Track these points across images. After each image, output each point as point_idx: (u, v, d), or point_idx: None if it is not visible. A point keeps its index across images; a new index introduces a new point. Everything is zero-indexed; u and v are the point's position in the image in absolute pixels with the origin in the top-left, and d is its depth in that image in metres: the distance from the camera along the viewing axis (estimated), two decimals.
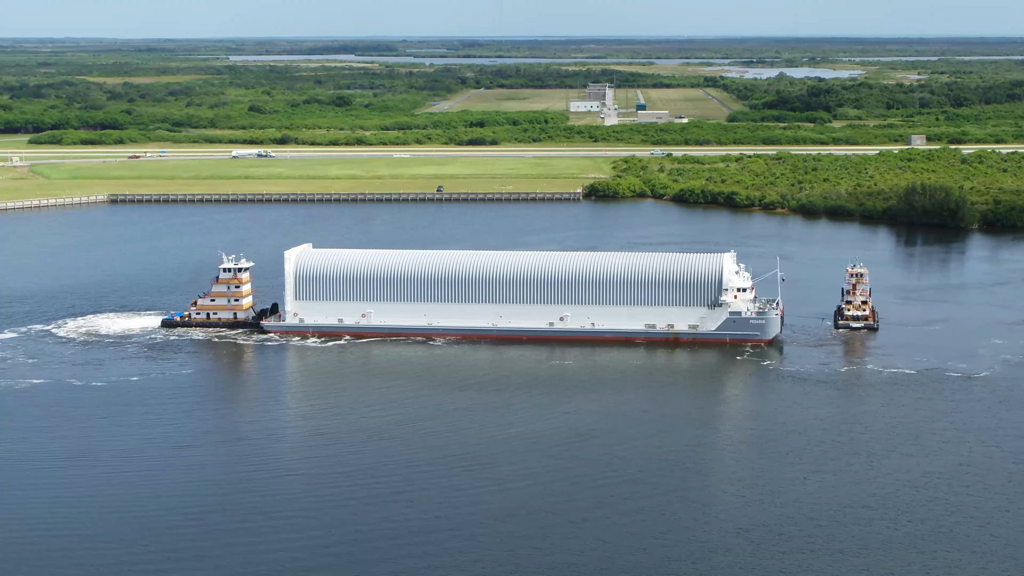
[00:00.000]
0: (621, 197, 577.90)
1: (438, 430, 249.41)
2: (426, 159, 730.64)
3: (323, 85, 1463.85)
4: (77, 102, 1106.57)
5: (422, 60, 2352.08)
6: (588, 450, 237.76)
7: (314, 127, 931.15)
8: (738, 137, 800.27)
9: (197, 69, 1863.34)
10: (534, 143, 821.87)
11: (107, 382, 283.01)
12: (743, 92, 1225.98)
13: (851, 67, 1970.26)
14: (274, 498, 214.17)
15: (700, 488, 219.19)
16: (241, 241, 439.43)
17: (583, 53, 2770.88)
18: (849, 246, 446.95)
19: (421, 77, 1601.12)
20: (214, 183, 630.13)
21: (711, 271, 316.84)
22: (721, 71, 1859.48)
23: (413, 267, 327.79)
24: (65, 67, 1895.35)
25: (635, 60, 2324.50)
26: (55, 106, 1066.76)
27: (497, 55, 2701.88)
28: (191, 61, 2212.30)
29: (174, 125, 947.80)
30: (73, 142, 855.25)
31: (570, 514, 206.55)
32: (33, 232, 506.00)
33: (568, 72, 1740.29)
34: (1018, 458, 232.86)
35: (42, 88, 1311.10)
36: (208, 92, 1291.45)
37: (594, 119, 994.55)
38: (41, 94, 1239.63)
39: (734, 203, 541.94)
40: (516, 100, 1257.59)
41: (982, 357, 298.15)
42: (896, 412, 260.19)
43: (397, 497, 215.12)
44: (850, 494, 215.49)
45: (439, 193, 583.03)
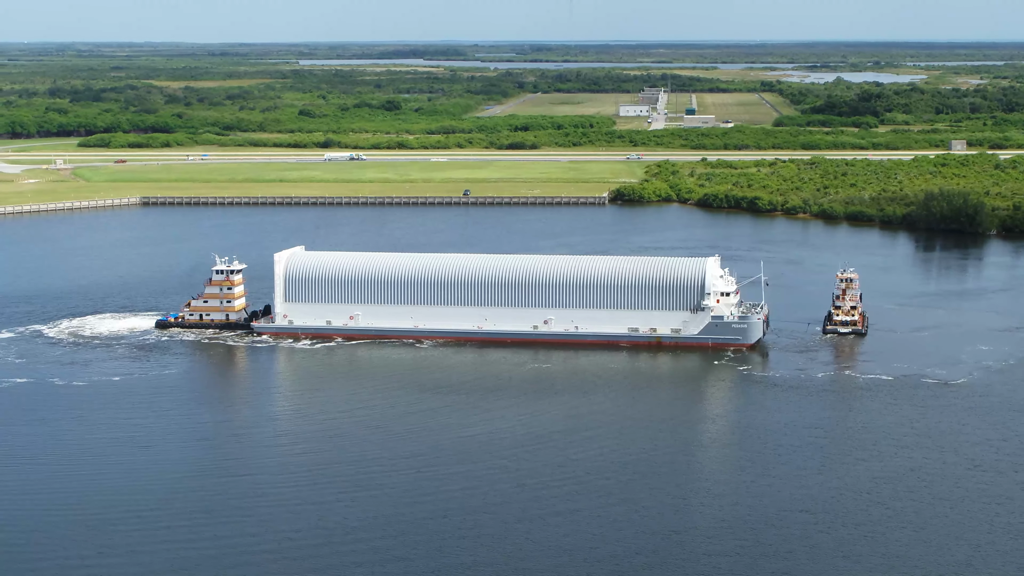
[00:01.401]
0: (647, 201, 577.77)
1: (400, 432, 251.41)
2: (462, 163, 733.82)
3: (382, 89, 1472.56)
4: (133, 106, 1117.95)
5: (487, 64, 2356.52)
6: (542, 452, 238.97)
7: (360, 131, 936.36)
8: (778, 142, 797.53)
9: (263, 73, 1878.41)
10: (574, 147, 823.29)
11: (88, 382, 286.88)
12: (796, 97, 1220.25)
13: (915, 71, 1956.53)
14: (215, 498, 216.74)
15: (642, 490, 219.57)
16: (250, 243, 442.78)
17: (650, 57, 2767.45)
18: (861, 251, 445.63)
19: (480, 81, 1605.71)
20: (247, 186, 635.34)
21: (694, 275, 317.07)
22: (782, 75, 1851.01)
23: (400, 270, 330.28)
24: (136, 71, 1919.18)
25: (699, 64, 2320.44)
26: (109, 109, 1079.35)
27: (563, 59, 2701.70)
28: (260, 65, 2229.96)
29: (224, 129, 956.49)
30: (120, 145, 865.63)
31: (505, 515, 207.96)
32: (59, 233, 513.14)
33: (628, 76, 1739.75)
34: (972, 464, 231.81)
35: (103, 92, 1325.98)
36: (265, 96, 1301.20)
37: (640, 123, 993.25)
38: (101, 98, 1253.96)
39: (756, 208, 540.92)
40: (569, 104, 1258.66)
41: (963, 364, 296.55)
42: (860, 417, 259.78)
43: (341, 497, 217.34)
44: (791, 498, 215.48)
45: (465, 197, 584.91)
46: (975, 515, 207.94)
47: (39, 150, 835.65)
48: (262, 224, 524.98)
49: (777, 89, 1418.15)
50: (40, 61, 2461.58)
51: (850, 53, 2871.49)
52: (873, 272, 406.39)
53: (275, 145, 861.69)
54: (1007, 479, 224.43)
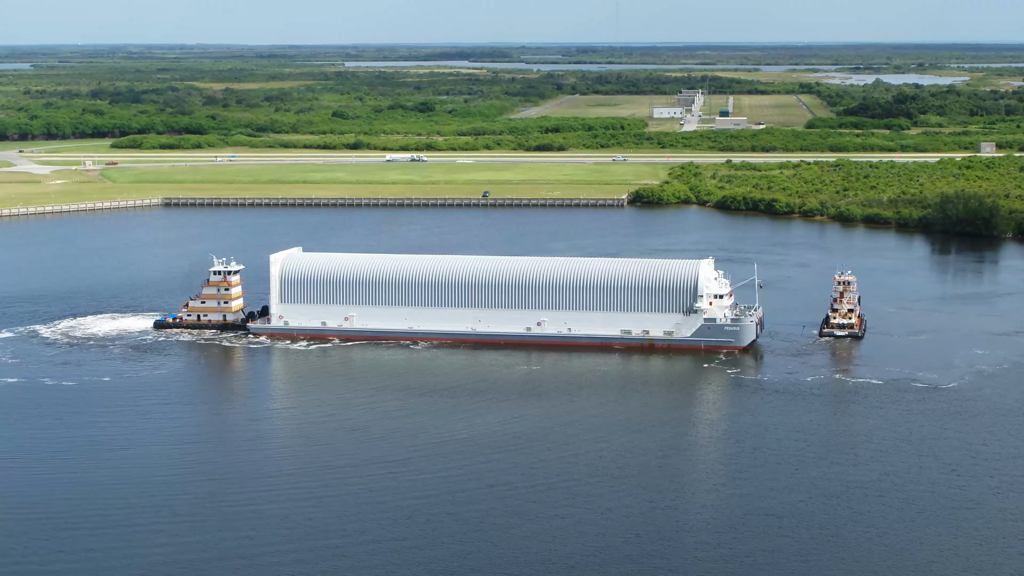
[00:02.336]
0: (666, 204, 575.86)
1: (379, 434, 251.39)
2: (487, 164, 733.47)
3: (421, 91, 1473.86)
4: (171, 107, 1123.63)
5: (530, 66, 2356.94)
6: (517, 455, 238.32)
7: (392, 132, 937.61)
8: (806, 144, 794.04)
9: (307, 75, 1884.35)
10: (602, 149, 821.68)
11: (78, 382, 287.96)
12: (833, 99, 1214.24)
13: (958, 73, 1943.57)
14: (181, 499, 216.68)
15: (610, 494, 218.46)
16: (262, 244, 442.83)
17: (694, 59, 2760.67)
18: (872, 254, 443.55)
19: (519, 83, 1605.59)
20: (270, 187, 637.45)
21: (686, 277, 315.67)
22: (824, 77, 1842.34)
23: (395, 271, 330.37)
24: (182, 72, 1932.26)
25: (742, 66, 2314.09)
26: (145, 111, 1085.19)
27: (608, 61, 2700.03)
28: (306, 67, 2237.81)
29: (257, 130, 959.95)
30: (152, 146, 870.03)
31: (468, 517, 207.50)
32: (76, 234, 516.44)
33: (668, 78, 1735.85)
34: (947, 469, 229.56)
35: (143, 94, 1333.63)
36: (303, 98, 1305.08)
37: (672, 125, 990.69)
38: (141, 99, 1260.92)
39: (774, 210, 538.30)
40: (606, 106, 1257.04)
41: (956, 368, 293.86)
42: (843, 421, 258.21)
43: (307, 497, 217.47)
44: (759, 502, 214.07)
45: (484, 198, 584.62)
46: (942, 520, 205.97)
47: (71, 151, 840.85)
48: (277, 225, 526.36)
49: (815, 91, 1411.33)
50: (90, 63, 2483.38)
51: (895, 55, 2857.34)
52: (882, 275, 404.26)
53: (305, 147, 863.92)
54: (980, 484, 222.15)
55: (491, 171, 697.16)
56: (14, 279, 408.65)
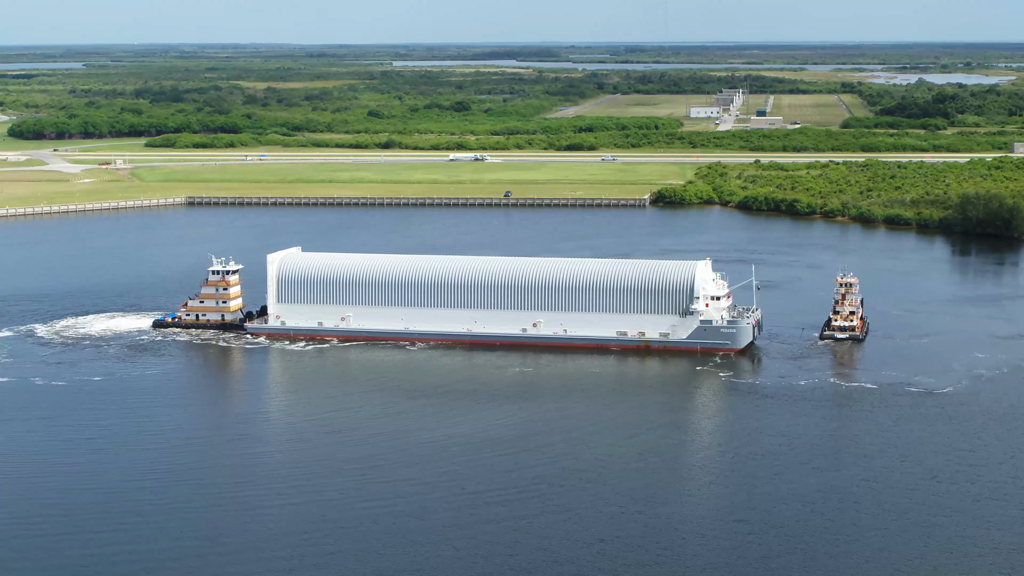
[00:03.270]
0: (688, 204, 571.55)
1: (359, 435, 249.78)
2: (516, 164, 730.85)
3: (463, 90, 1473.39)
4: (209, 106, 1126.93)
5: (576, 66, 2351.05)
6: (495, 458, 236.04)
7: (426, 131, 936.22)
8: (838, 144, 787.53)
9: (353, 74, 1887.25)
10: (632, 149, 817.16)
11: (68, 382, 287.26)
12: (873, 99, 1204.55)
13: (1005, 72, 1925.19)
14: (148, 501, 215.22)
15: (583, 498, 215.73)
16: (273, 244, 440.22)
17: (741, 59, 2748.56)
18: (887, 255, 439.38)
19: (561, 83, 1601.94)
20: (296, 186, 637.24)
21: (683, 279, 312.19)
22: (869, 77, 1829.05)
23: (392, 272, 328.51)
24: (230, 72, 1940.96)
25: (789, 66, 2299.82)
26: (183, 110, 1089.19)
27: (654, 60, 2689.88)
28: (353, 67, 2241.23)
29: (292, 129, 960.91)
30: (185, 145, 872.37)
31: (435, 520, 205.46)
32: (94, 232, 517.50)
33: (711, 78, 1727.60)
34: (929, 475, 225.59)
35: (186, 93, 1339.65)
36: (344, 97, 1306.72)
37: (708, 125, 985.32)
38: (182, 99, 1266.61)
39: (795, 211, 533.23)
40: (645, 106, 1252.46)
41: (953, 372, 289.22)
42: (830, 426, 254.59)
43: (276, 500, 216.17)
44: (731, 507, 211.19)
45: (506, 198, 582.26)
46: (916, 527, 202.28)
47: (105, 150, 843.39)
48: (294, 224, 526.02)
49: (856, 91, 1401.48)
50: (141, 62, 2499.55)
51: (944, 54, 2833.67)
52: (894, 277, 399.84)
53: (337, 146, 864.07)
54: (960, 491, 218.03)
55: (518, 171, 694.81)
56: (22, 278, 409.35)
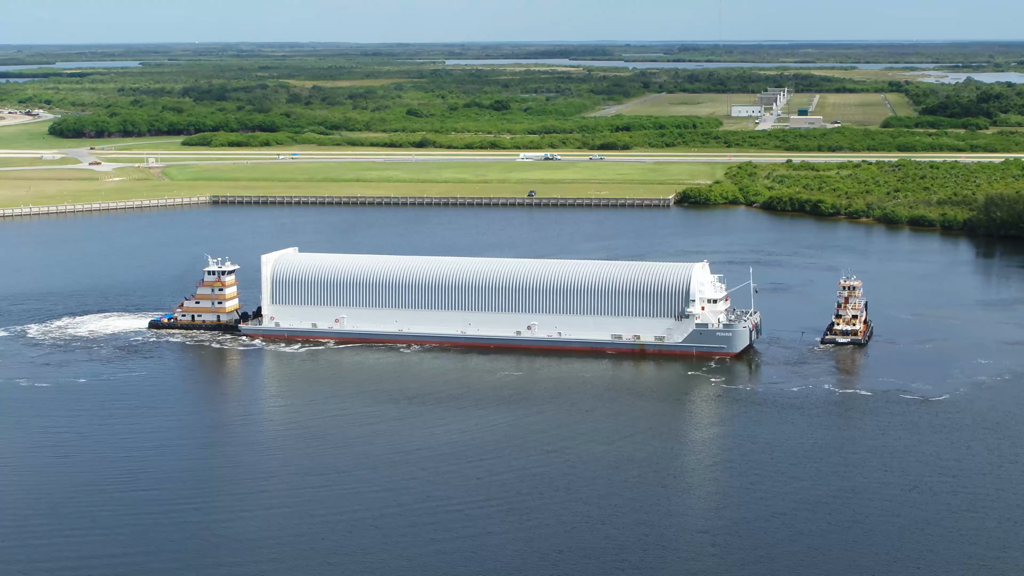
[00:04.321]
0: (713, 204, 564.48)
1: (334, 441, 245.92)
2: (544, 163, 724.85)
3: (509, 89, 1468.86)
4: (251, 105, 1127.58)
5: (628, 64, 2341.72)
6: (466, 465, 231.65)
7: (463, 131, 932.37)
8: (874, 144, 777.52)
9: (403, 73, 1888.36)
10: (667, 148, 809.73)
11: (53, 383, 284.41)
12: (919, 98, 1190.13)
13: None
14: (105, 508, 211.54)
15: (549, 507, 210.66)
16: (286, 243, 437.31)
17: (794, 57, 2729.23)
18: (905, 257, 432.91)
19: (608, 81, 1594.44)
20: (322, 185, 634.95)
21: (679, 281, 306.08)
22: (919, 76, 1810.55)
23: (386, 273, 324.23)
24: (282, 70, 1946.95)
25: (840, 65, 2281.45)
26: (224, 109, 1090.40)
27: (707, 59, 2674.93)
28: (405, 65, 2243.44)
29: (330, 128, 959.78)
30: (220, 144, 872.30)
31: (391, 529, 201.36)
32: (110, 231, 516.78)
33: (759, 76, 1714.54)
34: (910, 486, 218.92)
35: (231, 92, 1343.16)
36: (388, 95, 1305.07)
37: (748, 124, 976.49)
38: (226, 97, 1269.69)
39: (819, 211, 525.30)
40: (688, 104, 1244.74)
41: (952, 379, 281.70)
42: (817, 435, 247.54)
43: (235, 507, 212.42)
44: (697, 518, 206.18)
45: (530, 198, 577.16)
46: (886, 540, 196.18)
47: (141, 149, 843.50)
48: (313, 223, 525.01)
49: (903, 90, 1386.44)
50: (197, 61, 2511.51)
51: (999, 53, 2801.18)
52: (910, 279, 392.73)
53: (372, 144, 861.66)
54: (939, 502, 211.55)
55: (547, 170, 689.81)
56: (30, 276, 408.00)
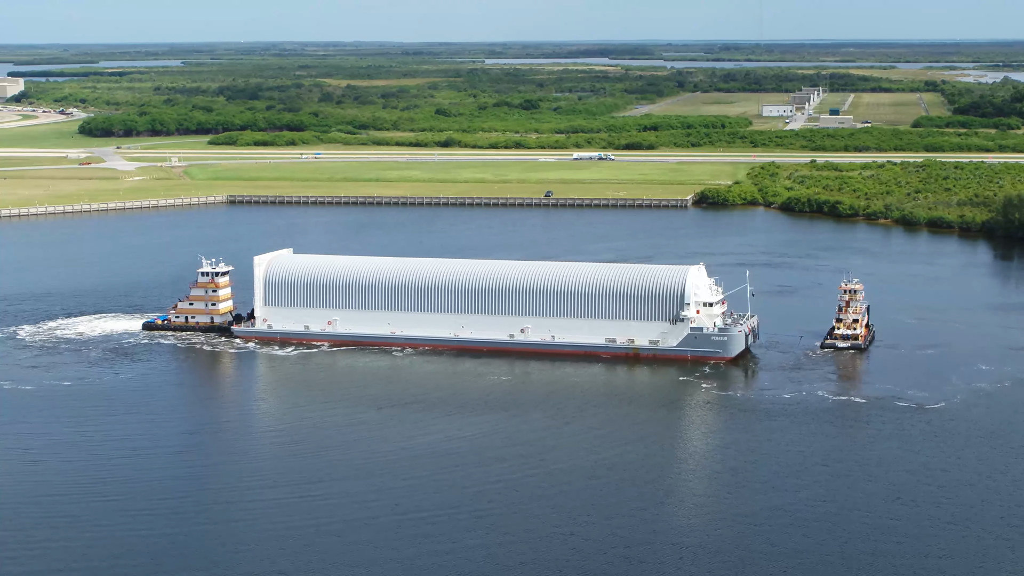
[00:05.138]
0: (731, 205, 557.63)
1: (312, 447, 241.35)
2: (566, 163, 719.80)
3: (544, 88, 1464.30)
4: (281, 104, 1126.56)
5: (666, 64, 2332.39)
6: (440, 473, 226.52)
7: (490, 130, 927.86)
8: (901, 144, 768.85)
9: (440, 72, 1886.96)
10: (692, 148, 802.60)
11: (37, 387, 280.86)
12: (954, 97, 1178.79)
13: None
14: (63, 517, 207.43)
15: (517, 517, 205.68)
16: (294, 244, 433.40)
17: (834, 56, 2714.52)
18: (917, 259, 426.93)
19: (642, 81, 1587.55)
20: (340, 185, 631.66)
21: (674, 284, 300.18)
22: (957, 75, 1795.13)
23: (379, 275, 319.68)
24: (320, 69, 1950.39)
25: (879, 64, 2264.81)
26: (253, 108, 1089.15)
27: (746, 58, 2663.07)
28: (444, 64, 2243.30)
29: (357, 128, 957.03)
30: (246, 143, 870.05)
31: (354, 538, 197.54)
32: (122, 231, 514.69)
33: (795, 76, 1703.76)
34: (892, 496, 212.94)
35: (264, 91, 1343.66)
36: (421, 95, 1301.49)
37: (778, 124, 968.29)
38: (258, 96, 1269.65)
39: (837, 212, 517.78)
40: (722, 104, 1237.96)
41: (951, 386, 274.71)
42: (804, 442, 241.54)
43: (198, 515, 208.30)
44: (669, 529, 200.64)
45: (546, 198, 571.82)
46: (860, 555, 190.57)
47: (168, 148, 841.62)
48: (326, 223, 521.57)
49: (939, 89, 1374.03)
50: (238, 60, 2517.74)
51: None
52: (920, 282, 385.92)
53: (397, 144, 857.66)
54: (920, 514, 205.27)
55: (568, 170, 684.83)
56: (31, 276, 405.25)
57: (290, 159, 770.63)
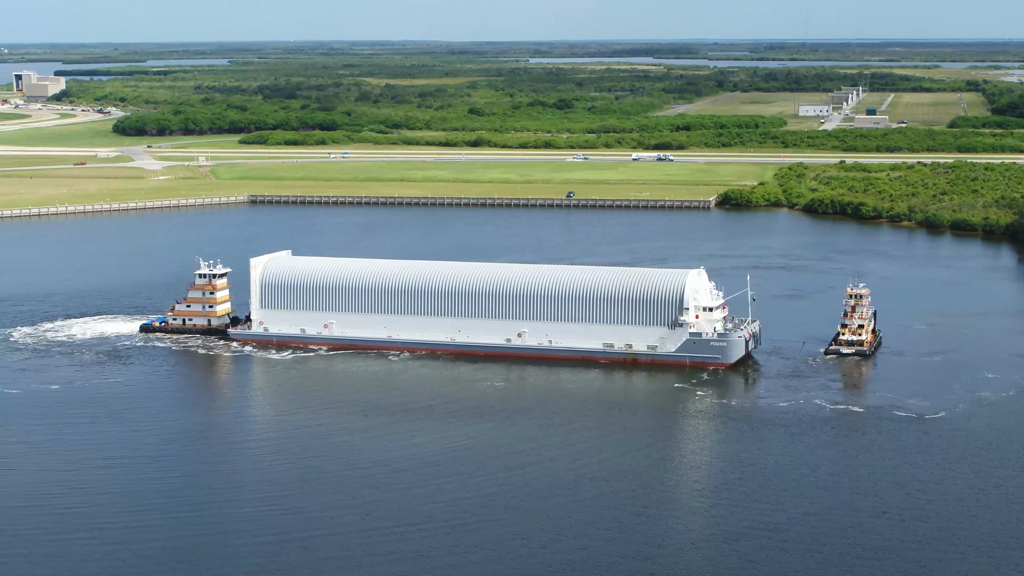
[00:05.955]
0: (754, 206, 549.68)
1: (288, 457, 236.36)
2: (596, 164, 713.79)
3: (583, 87, 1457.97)
4: (318, 103, 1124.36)
5: (709, 63, 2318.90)
6: (417, 483, 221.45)
7: (522, 130, 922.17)
8: (934, 144, 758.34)
9: (482, 71, 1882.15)
10: (723, 148, 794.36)
11: (23, 390, 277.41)
12: (994, 97, 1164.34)
13: None
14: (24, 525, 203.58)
15: (490, 529, 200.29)
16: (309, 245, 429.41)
17: (880, 56, 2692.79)
18: (936, 263, 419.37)
19: (681, 80, 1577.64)
20: (364, 185, 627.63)
21: (672, 289, 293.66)
22: (1001, 75, 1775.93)
23: (375, 278, 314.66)
24: (365, 68, 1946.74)
25: (923, 63, 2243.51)
26: (287, 107, 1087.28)
27: (791, 58, 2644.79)
28: (487, 63, 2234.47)
29: (390, 127, 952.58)
30: (277, 143, 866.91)
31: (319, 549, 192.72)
32: (136, 231, 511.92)
33: (836, 75, 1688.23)
34: (879, 511, 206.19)
35: (302, 90, 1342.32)
36: (458, 94, 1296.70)
37: (813, 124, 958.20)
38: (296, 95, 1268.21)
39: (860, 214, 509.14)
40: (760, 103, 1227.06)
41: (953, 394, 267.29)
42: (792, 454, 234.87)
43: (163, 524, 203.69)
44: (641, 547, 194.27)
45: (568, 199, 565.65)
46: (837, 572, 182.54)
47: (199, 147, 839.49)
48: (340, 224, 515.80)
49: (980, 89, 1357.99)
50: (284, 59, 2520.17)
51: None
52: (935, 286, 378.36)
53: (427, 143, 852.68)
54: (905, 530, 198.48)
55: (594, 171, 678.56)
56: (38, 277, 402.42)
57: (317, 159, 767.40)
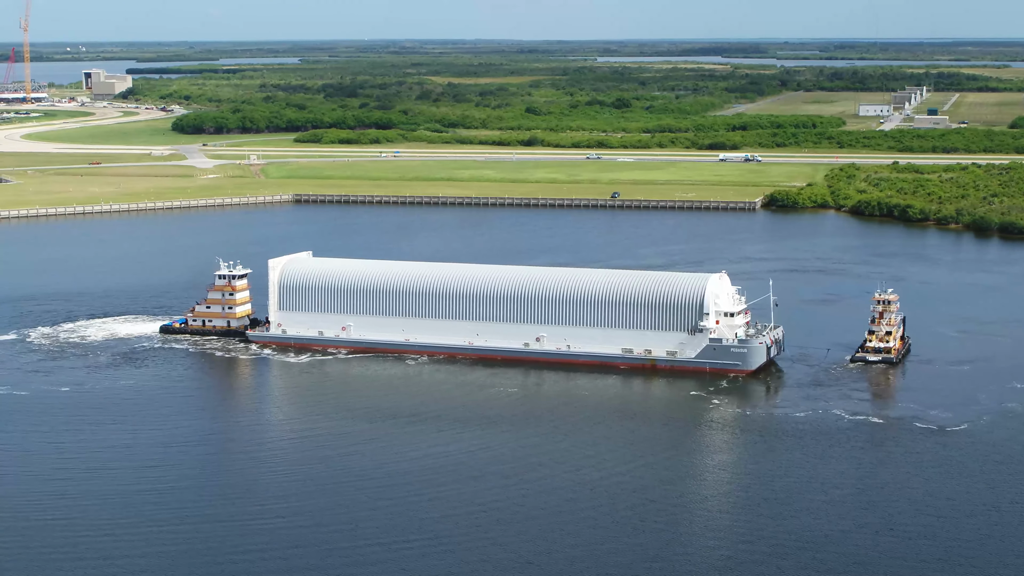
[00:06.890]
0: (801, 208, 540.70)
1: (287, 463, 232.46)
2: (646, 163, 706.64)
3: (646, 87, 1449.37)
4: (377, 102, 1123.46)
5: (776, 62, 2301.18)
6: (413, 491, 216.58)
7: (578, 129, 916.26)
8: (992, 145, 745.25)
9: (548, 70, 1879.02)
10: (777, 148, 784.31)
11: (32, 392, 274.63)
12: None
13: None
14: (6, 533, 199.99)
15: (481, 539, 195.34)
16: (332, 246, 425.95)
17: (950, 55, 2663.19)
18: (979, 267, 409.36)
19: (745, 79, 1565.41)
20: (408, 184, 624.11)
21: (693, 293, 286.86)
22: None
23: (393, 280, 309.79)
24: (432, 67, 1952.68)
25: (993, 63, 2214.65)
26: (345, 105, 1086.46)
27: (860, 57, 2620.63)
28: (552, 62, 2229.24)
29: (446, 126, 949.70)
30: (331, 141, 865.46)
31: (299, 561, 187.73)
32: (178, 231, 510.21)
33: (902, 75, 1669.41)
34: (886, 528, 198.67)
35: (363, 88, 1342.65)
36: (520, 93, 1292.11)
37: (872, 124, 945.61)
38: (356, 94, 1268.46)
39: (907, 216, 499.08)
40: (822, 103, 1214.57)
41: (979, 405, 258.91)
42: (804, 467, 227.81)
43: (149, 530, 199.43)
44: (632, 562, 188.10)
45: (613, 199, 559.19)
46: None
47: (254, 146, 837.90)
48: (377, 224, 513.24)
49: None
50: (354, 57, 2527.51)
51: None
52: (973, 292, 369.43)
53: (481, 143, 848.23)
54: (911, 548, 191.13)
55: (644, 171, 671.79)
56: (70, 277, 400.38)
57: (368, 157, 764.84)
